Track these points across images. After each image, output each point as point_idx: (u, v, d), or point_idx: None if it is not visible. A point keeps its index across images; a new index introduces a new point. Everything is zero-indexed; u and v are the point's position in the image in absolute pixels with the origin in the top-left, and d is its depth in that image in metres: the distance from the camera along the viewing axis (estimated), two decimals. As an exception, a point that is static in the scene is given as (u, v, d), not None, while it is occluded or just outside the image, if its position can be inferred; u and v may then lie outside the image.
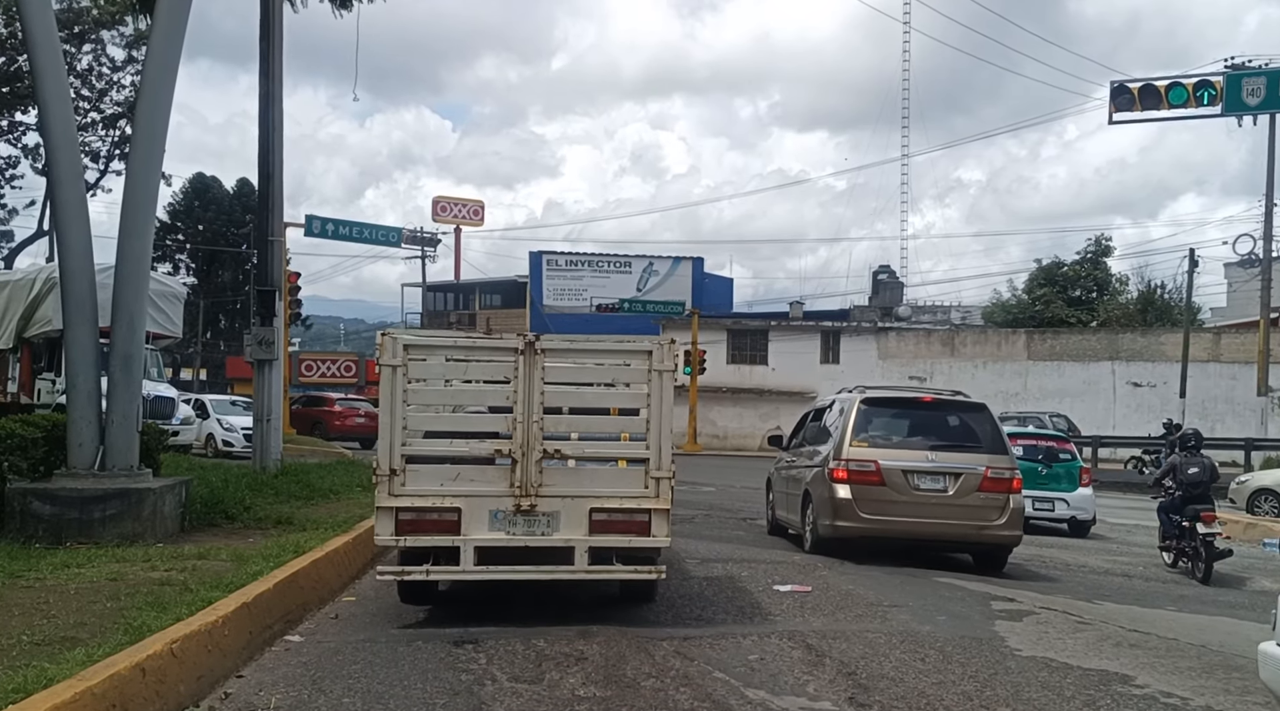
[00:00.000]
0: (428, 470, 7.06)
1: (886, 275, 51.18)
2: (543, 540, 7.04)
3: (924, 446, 11.02)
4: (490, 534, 6.99)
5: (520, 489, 7.01)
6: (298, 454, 28.81)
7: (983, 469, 10.78)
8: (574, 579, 7.20)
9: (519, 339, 7.14)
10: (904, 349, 42.28)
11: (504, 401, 7.11)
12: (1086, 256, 46.73)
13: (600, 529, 7.03)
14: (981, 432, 11.27)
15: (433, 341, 7.43)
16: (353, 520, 10.11)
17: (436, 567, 7.01)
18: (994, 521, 10.72)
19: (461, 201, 66.95)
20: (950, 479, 10.79)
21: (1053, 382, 38.84)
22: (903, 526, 10.74)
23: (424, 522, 6.98)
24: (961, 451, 11.00)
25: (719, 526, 14.48)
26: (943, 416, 11.68)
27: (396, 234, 33.06)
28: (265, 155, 12.42)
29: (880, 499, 10.69)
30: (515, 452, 7.02)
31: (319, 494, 11.61)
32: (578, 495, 7.06)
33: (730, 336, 46.37)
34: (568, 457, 7.16)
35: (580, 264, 57.84)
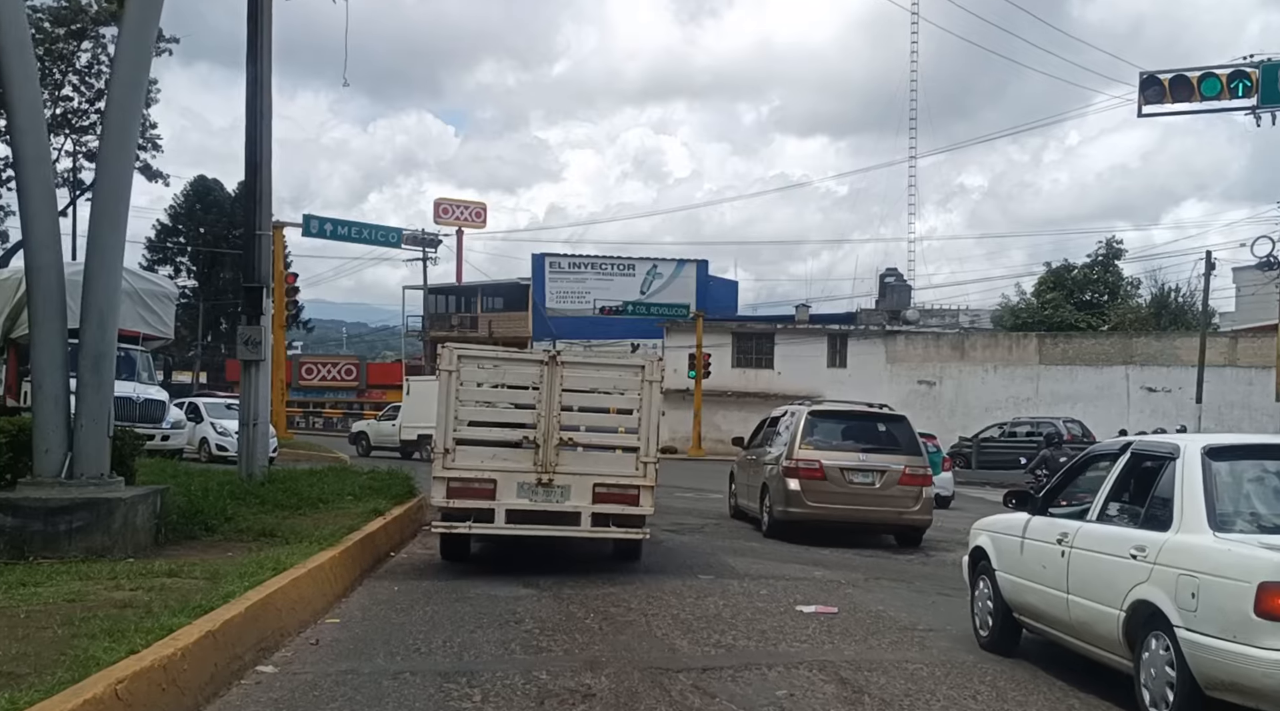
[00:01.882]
0: (472, 450, 9.21)
1: (894, 278, 50.50)
2: (557, 506, 9.18)
3: (857, 449, 13.50)
4: (518, 500, 9.13)
5: (542, 467, 9.15)
6: (293, 458, 28.18)
7: (902, 467, 13.26)
8: (579, 536, 9.49)
9: (544, 353, 9.60)
10: (913, 353, 41.56)
11: (531, 400, 9.24)
12: (1097, 260, 46.04)
13: (601, 499, 9.17)
14: (902, 438, 13.71)
15: (479, 353, 9.84)
16: (341, 532, 9.42)
17: (478, 524, 9.21)
18: (911, 508, 13.28)
19: (463, 203, 66.30)
20: (877, 475, 13.28)
21: (1065, 387, 38.09)
22: (840, 512, 13.19)
23: (468, 489, 9.11)
24: (886, 453, 13.43)
25: (731, 535, 13.78)
26: (873, 425, 14.17)
27: (397, 234, 32.41)
28: (253, 145, 11.74)
29: (822, 490, 13.12)
30: (538, 439, 9.17)
31: (308, 503, 10.92)
32: (585, 473, 9.19)
33: (735, 340, 45.67)
34: (578, 444, 9.31)
35: (583, 266, 57.17)
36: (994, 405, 38.83)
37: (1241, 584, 4.61)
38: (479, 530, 9.39)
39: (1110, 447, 6.67)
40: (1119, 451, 6.26)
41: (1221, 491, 5.19)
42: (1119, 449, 6.32)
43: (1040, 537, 6.45)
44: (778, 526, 13.51)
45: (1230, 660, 4.63)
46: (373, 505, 11.16)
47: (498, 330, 59.69)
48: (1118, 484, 6.04)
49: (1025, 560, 6.61)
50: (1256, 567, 4.60)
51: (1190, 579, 4.89)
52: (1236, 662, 4.60)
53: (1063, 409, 36.05)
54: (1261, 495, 5.27)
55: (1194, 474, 5.24)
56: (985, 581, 7.19)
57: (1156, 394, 36.69)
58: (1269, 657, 4.48)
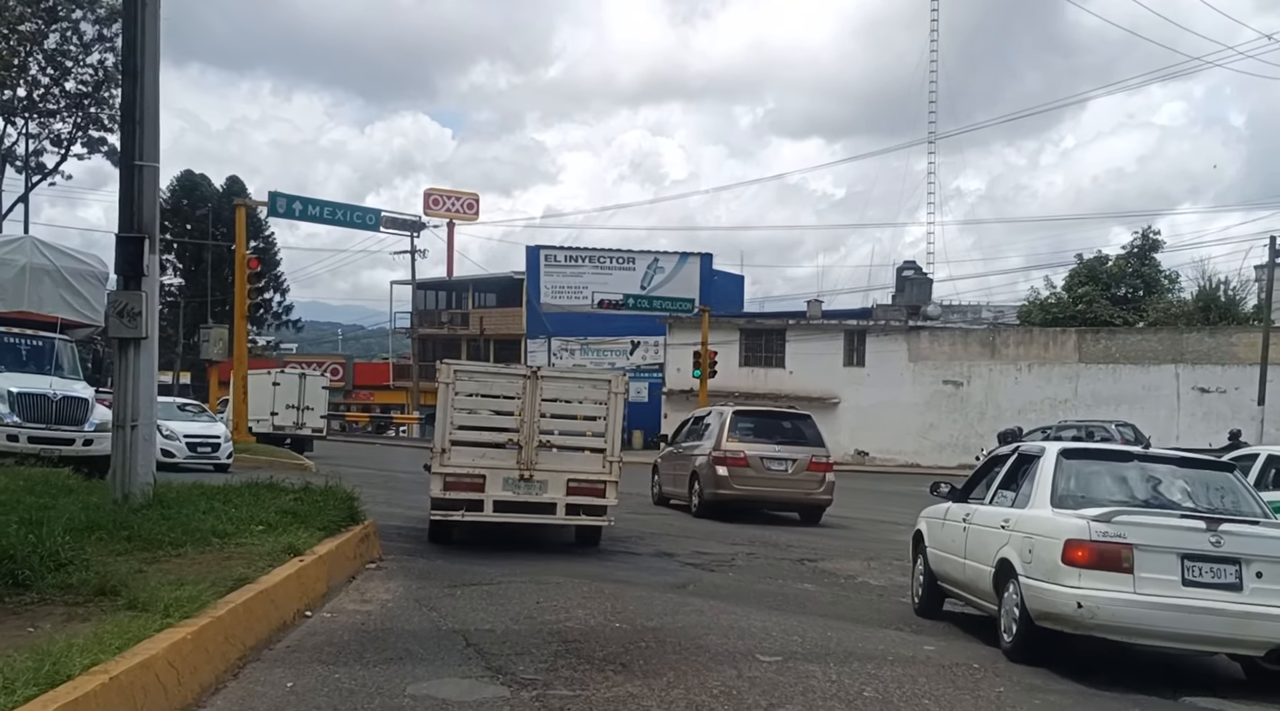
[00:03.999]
0: (465, 450, 10.70)
1: (912, 271, 47.34)
2: (536, 498, 10.70)
3: (773, 441, 16.04)
4: (503, 492, 10.63)
5: (523, 464, 10.65)
6: (251, 465, 24.94)
7: (809, 456, 16.00)
8: (554, 524, 11.01)
9: (526, 369, 11.16)
10: (938, 350, 38.40)
11: (514, 408, 10.83)
12: (1132, 251, 42.87)
13: (573, 492, 10.72)
14: (809, 433, 16.48)
15: (472, 368, 11.60)
16: (221, 588, 6.25)
17: (470, 513, 10.65)
18: (816, 490, 16.01)
19: (455, 194, 63.12)
20: (789, 463, 15.90)
21: (1107, 388, 34.94)
22: (760, 493, 15.86)
23: (461, 483, 10.60)
24: (796, 445, 16.07)
25: (772, 573, 10.64)
26: (785, 422, 16.79)
27: (375, 216, 29.19)
28: (131, 45, 8.57)
29: (745, 476, 15.63)
30: (521, 441, 10.68)
31: (195, 538, 7.72)
32: (559, 470, 10.73)
33: (743, 336, 42.54)
34: (554, 445, 10.84)
35: (581, 260, 53.97)
36: (1028, 407, 35.70)
37: (1056, 540, 6.40)
38: (471, 517, 10.72)
39: (1006, 451, 8.14)
40: (1010, 453, 7.85)
41: (1065, 481, 6.90)
42: (1010, 451, 7.91)
43: (953, 519, 8.02)
44: (707, 507, 16.01)
45: (1047, 596, 6.40)
46: (289, 540, 7.96)
47: (490, 327, 56.50)
48: (1006, 476, 7.62)
49: (944, 537, 8.15)
50: (1066, 528, 6.42)
51: (1029, 540, 6.69)
52: (1050, 597, 6.38)
53: (1105, 411, 32.91)
54: (1094, 485, 6.93)
55: (1048, 468, 6.98)
56: (921, 558, 8.63)
57: (1210, 395, 33.53)
58: (1068, 592, 6.27)
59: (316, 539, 8.46)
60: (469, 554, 10.88)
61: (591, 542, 11.47)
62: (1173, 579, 6.18)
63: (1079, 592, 6.17)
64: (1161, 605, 6.13)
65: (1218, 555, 6.24)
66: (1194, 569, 6.23)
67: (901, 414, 38.12)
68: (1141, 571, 6.17)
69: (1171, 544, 6.25)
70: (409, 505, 16.43)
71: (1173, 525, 6.35)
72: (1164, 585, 6.16)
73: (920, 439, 38.06)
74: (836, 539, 14.30)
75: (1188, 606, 6.12)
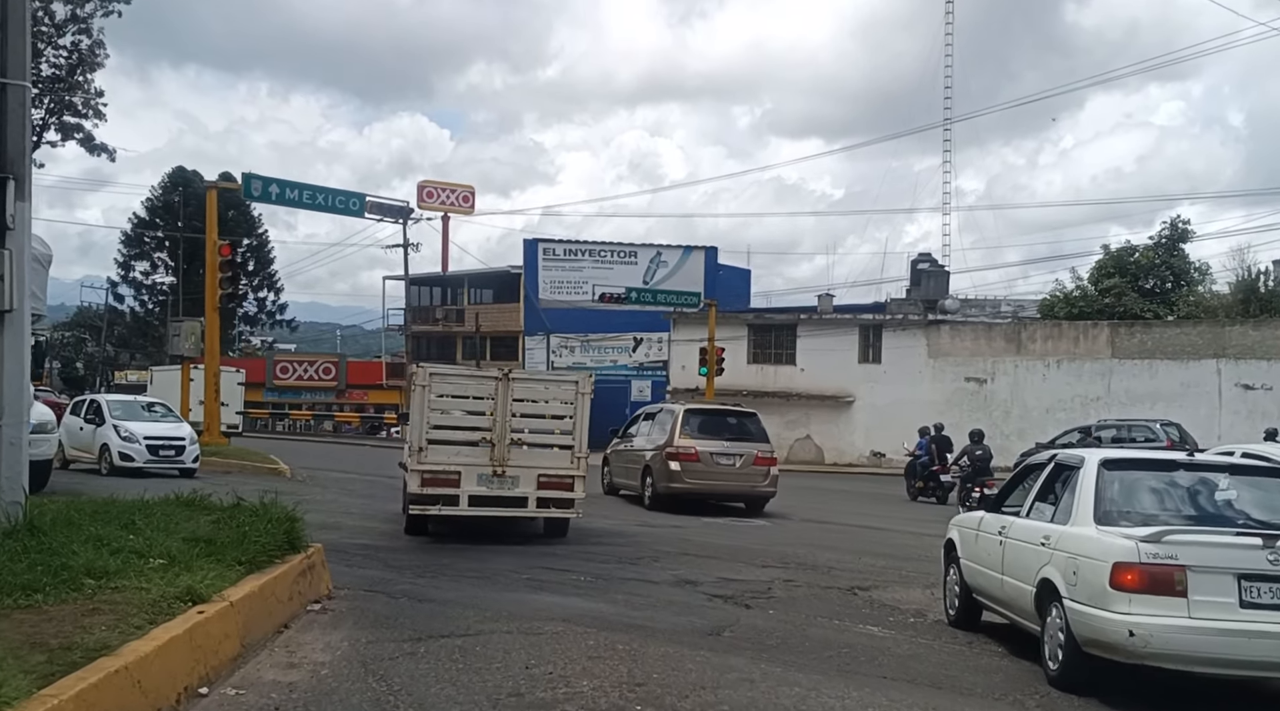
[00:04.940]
0: (441, 449, 11.35)
1: (928, 264, 45.19)
2: (509, 492, 11.43)
3: (722, 438, 17.08)
4: (477, 488, 11.31)
5: (496, 461, 11.34)
6: (221, 469, 22.83)
7: (755, 452, 17.08)
8: (525, 516, 11.91)
9: (498, 370, 12.12)
10: (959, 345, 36.22)
11: (487, 408, 11.56)
12: (1160, 242, 40.72)
13: (543, 486, 11.49)
14: (755, 430, 17.57)
15: (447, 371, 12.90)
16: (60, 665, 4.17)
17: (446, 507, 11.32)
18: (762, 483, 17.06)
19: (450, 186, 60.87)
20: (737, 458, 16.94)
21: (1142, 384, 32.77)
22: (710, 486, 16.91)
23: (438, 479, 11.24)
24: (744, 441, 17.14)
25: (822, 609, 8.53)
26: (733, 419, 17.84)
27: (359, 201, 27.05)
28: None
29: (697, 470, 16.69)
30: (494, 439, 11.39)
31: (58, 580, 5.60)
32: (530, 466, 11.47)
33: (752, 332, 40.37)
34: (525, 443, 11.59)
35: (580, 253, 51.78)
36: (1056, 406, 33.58)
37: (1103, 563, 5.84)
38: (447, 512, 11.29)
39: (1041, 459, 7.72)
40: (1046, 462, 7.46)
41: (1108, 495, 6.37)
42: (1047, 460, 7.51)
43: (988, 530, 7.66)
44: (660, 499, 16.87)
45: (1095, 622, 5.85)
46: (190, 581, 5.86)
47: (486, 324, 54.34)
48: (1043, 487, 7.24)
49: (979, 549, 7.79)
50: (1114, 550, 5.84)
51: (1074, 560, 6.14)
52: (1098, 623, 5.83)
53: (1140, 409, 30.83)
54: (1139, 499, 6.42)
55: (1090, 480, 6.46)
56: (954, 568, 8.25)
57: (1255, 391, 31.36)
58: (1118, 619, 5.71)
59: (234, 577, 6.34)
60: (443, 584, 8.78)
61: (559, 534, 12.21)
62: (1229, 601, 5.71)
63: (1130, 619, 5.67)
64: (1218, 630, 5.68)
65: (1277, 574, 5.73)
66: (1252, 590, 5.74)
67: (920, 413, 35.81)
68: (1195, 594, 5.71)
69: (1226, 563, 5.77)
70: (385, 517, 14.36)
71: (1227, 543, 5.84)
72: (1220, 608, 5.70)
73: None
74: (880, 558, 12.21)
75: (1246, 630, 5.67)
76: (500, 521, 11.86)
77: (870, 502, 22.00)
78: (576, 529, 13.27)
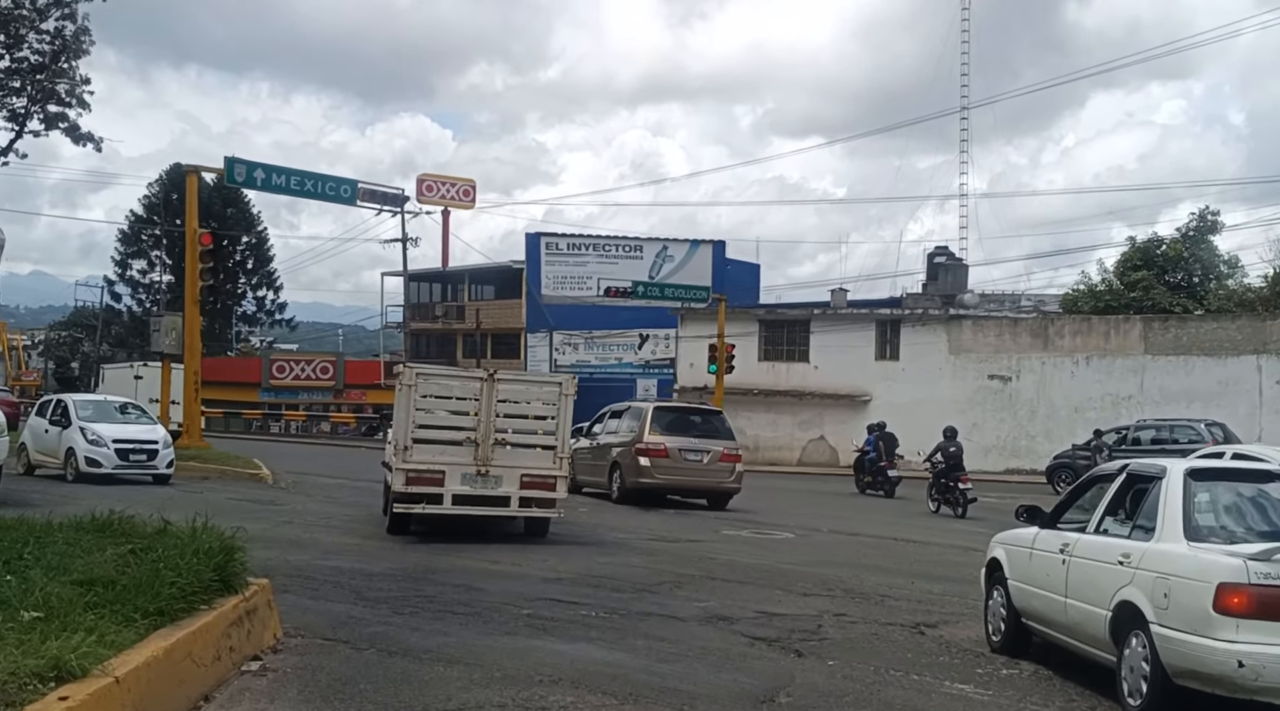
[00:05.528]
0: (426, 448, 11.50)
1: (945, 257, 43.49)
2: (492, 491, 11.59)
3: (690, 435, 18.01)
4: (461, 487, 11.48)
5: (480, 460, 11.50)
6: (199, 475, 21.17)
7: (722, 449, 18.01)
8: (508, 515, 12.06)
9: (483, 371, 12.48)
10: (982, 341, 34.54)
11: (472, 409, 11.74)
12: (1188, 233, 39.04)
13: (526, 485, 11.66)
14: (721, 427, 18.72)
15: (433, 372, 12.98)
16: None
17: (430, 506, 11.45)
18: (728, 479, 17.96)
19: (450, 180, 58.93)
20: (704, 454, 17.86)
21: (1178, 382, 31.07)
22: (677, 481, 17.86)
23: (422, 478, 11.37)
24: (710, 438, 18.13)
25: (890, 657, 6.94)
26: (700, 417, 19.05)
27: (351, 187, 25.40)
28: None
29: (666, 465, 17.60)
30: (478, 438, 11.55)
31: None
32: (513, 466, 11.66)
33: (763, 329, 38.73)
34: (509, 443, 11.78)
35: (584, 248, 50.13)
36: (1085, 405, 31.90)
37: (1204, 584, 5.16)
38: (431, 510, 11.51)
39: (1109, 469, 7.07)
40: (1117, 472, 6.70)
41: (1197, 508, 5.73)
42: (1117, 470, 6.75)
43: (1046, 548, 6.84)
44: (629, 494, 17.48)
45: (1193, 651, 5.16)
46: (59, 649, 4.22)
47: (487, 320, 52.76)
48: (1113, 500, 6.48)
49: (1033, 569, 7.00)
50: (1217, 570, 5.16)
51: (1164, 581, 5.42)
52: (1198, 653, 5.14)
53: (1174, 408, 29.20)
54: (1230, 512, 5.83)
55: (1175, 493, 5.76)
56: (999, 590, 7.49)
57: (1299, 389, 29.73)
58: (1224, 648, 5.04)
59: (133, 635, 4.72)
60: (423, 624, 7.16)
61: (539, 534, 12.35)
62: None
63: (1239, 648, 5.04)
64: None
65: None
66: None
67: (941, 412, 34.15)
68: None
69: None
70: (368, 530, 12.79)
71: None
72: None
73: (962, 440, 34.19)
74: (934, 582, 10.58)
75: None
76: (482, 520, 12.16)
77: (895, 512, 20.39)
78: (580, 544, 12.16)
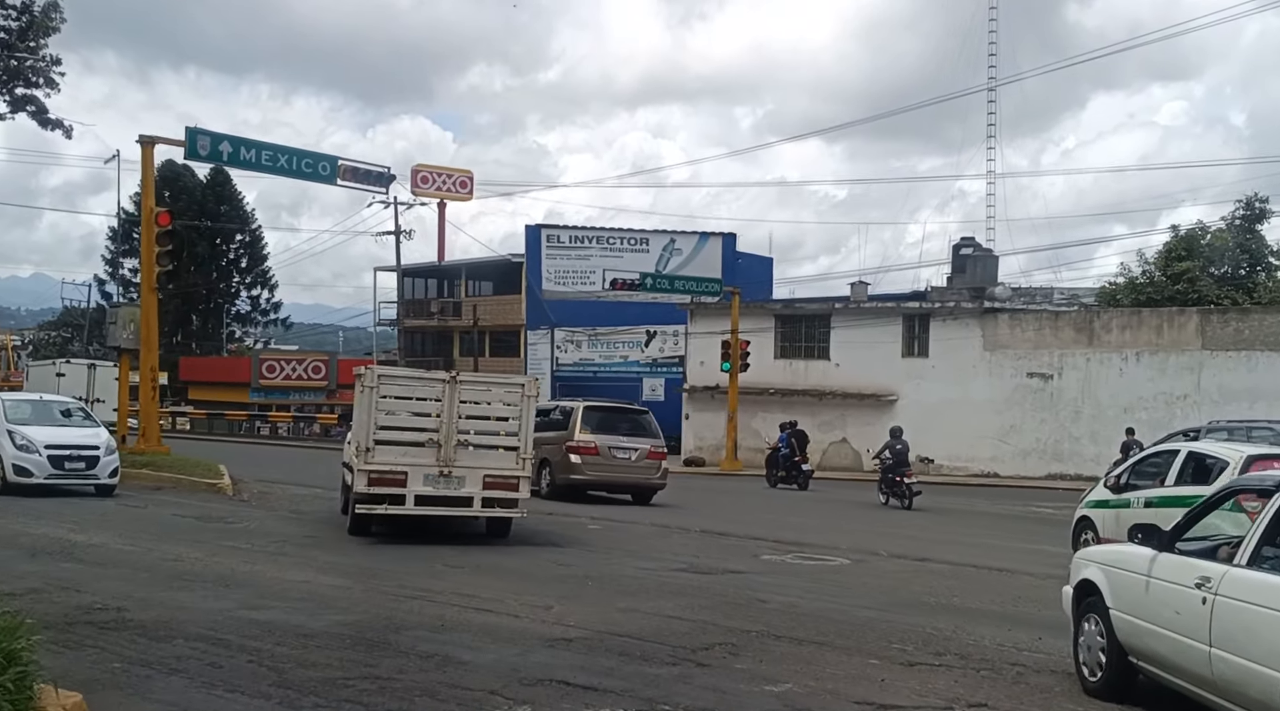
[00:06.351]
0: (388, 449, 11.53)
1: (972, 248, 40.89)
2: (455, 492, 11.69)
3: (619, 433, 19.05)
4: (424, 488, 11.55)
5: (443, 461, 11.61)
6: (152, 483, 18.69)
7: (649, 446, 19.21)
8: (470, 515, 12.20)
9: (446, 374, 12.30)
10: (1020, 336, 31.91)
11: (435, 410, 11.73)
12: (1233, 223, 36.49)
13: (489, 486, 11.77)
14: (649, 426, 19.75)
15: (396, 373, 13.37)
16: None
17: (392, 506, 11.57)
18: (654, 476, 19.18)
19: (446, 171, 56.44)
20: (633, 451, 18.94)
21: (1238, 380, 28.47)
22: (607, 478, 18.91)
23: (385, 479, 11.45)
24: (638, 436, 19.25)
25: None
26: (628, 416, 20.07)
27: (330, 164, 22.86)
28: None
29: (595, 462, 18.65)
30: (440, 439, 11.64)
31: None
32: (476, 466, 11.75)
33: (780, 324, 36.13)
34: (471, 444, 11.87)
35: (587, 240, 47.55)
36: (1136, 405, 29.27)
37: None
38: (394, 511, 11.61)
39: (1257, 482, 5.96)
40: (1274, 488, 5.22)
41: None
42: (1274, 485, 5.25)
43: (1172, 578, 5.49)
44: (558, 489, 18.67)
45: None
46: None
47: (485, 317, 50.13)
48: (1273, 524, 5.03)
49: (1151, 602, 5.65)
50: None
51: None
52: None
53: (1235, 407, 26.56)
54: None
55: None
56: (1095, 620, 6.24)
57: (1374, 388, 27.12)
58: None
59: None
60: None
61: (501, 534, 12.49)
62: None
63: None
64: None
65: None
66: None
67: (975, 413, 31.71)
68: None
69: None
70: (325, 562, 10.21)
71: None
72: None
73: (999, 443, 31.63)
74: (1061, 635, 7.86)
75: None
76: (444, 520, 12.34)
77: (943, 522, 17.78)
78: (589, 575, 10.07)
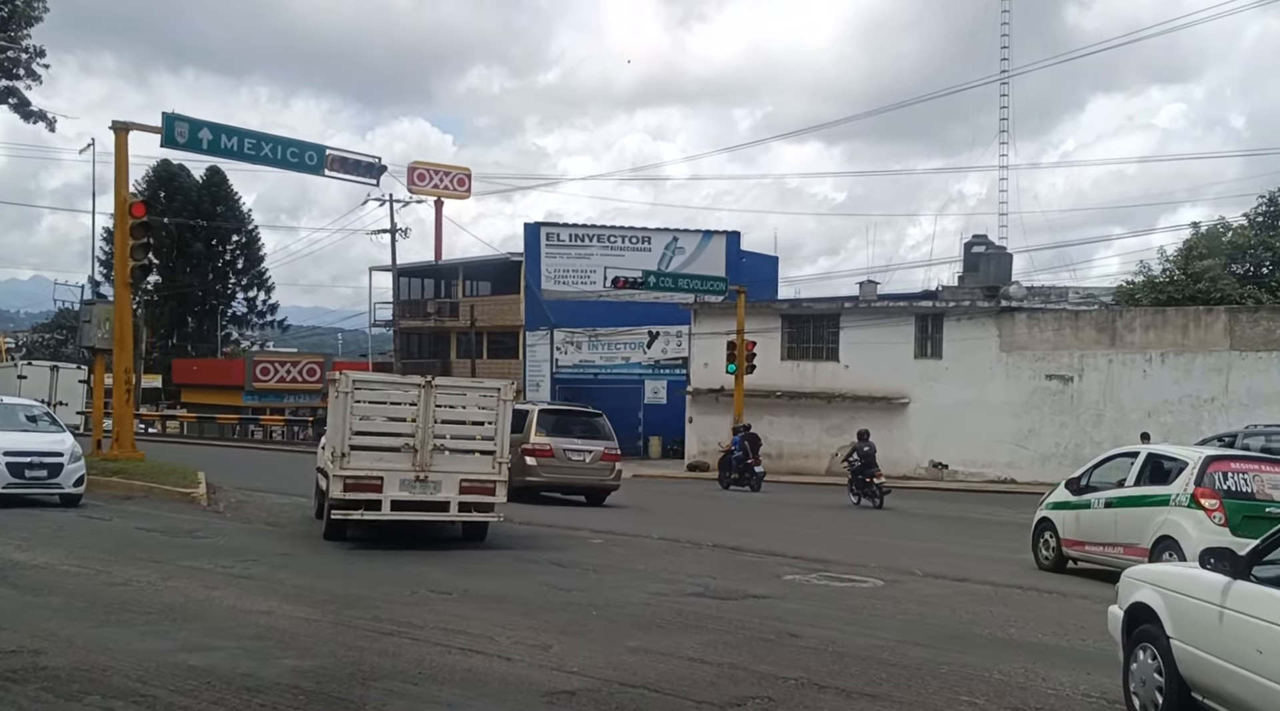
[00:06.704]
0: (364, 454, 11.44)
1: (984, 246, 39.68)
2: (431, 497, 11.56)
3: (574, 435, 19.29)
4: (400, 493, 11.43)
5: (419, 466, 11.48)
6: (123, 492, 17.46)
7: (603, 448, 19.50)
8: (447, 520, 12.16)
9: (421, 378, 11.96)
10: (1039, 337, 30.70)
11: (410, 415, 11.59)
12: (1255, 219, 35.37)
13: (465, 491, 11.67)
14: (604, 428, 19.99)
15: (371, 378, 13.86)
16: None
17: (368, 512, 11.41)
18: (609, 477, 19.51)
19: (443, 168, 55.14)
20: (587, 454, 19.18)
21: (1269, 382, 27.27)
22: (562, 479, 19.14)
23: (360, 485, 11.31)
24: (593, 439, 19.56)
25: None
26: (583, 419, 20.22)
27: (317, 154, 21.65)
28: None
29: (551, 464, 18.82)
30: (416, 444, 11.51)
31: None
32: (452, 471, 11.63)
33: (787, 324, 34.90)
34: (447, 448, 11.71)
35: (588, 239, 46.32)
36: (1160, 408, 28.09)
37: None
38: (369, 517, 11.46)
39: None
40: None
41: None
42: None
43: (1254, 613, 4.69)
44: (514, 492, 16.09)
45: None
46: None
47: (483, 317, 48.91)
48: None
49: (1226, 637, 4.88)
50: None
51: None
52: None
53: (1266, 411, 25.44)
54: None
55: None
56: (1150, 649, 5.54)
57: None
58: None
59: None
60: None
61: (477, 538, 12.58)
62: None
63: None
64: None
65: None
66: None
67: (991, 417, 30.48)
68: None
69: None
70: (290, 588, 8.95)
71: None
72: None
73: (1016, 448, 30.38)
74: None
75: None
76: (420, 524, 12.25)
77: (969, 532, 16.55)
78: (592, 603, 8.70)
